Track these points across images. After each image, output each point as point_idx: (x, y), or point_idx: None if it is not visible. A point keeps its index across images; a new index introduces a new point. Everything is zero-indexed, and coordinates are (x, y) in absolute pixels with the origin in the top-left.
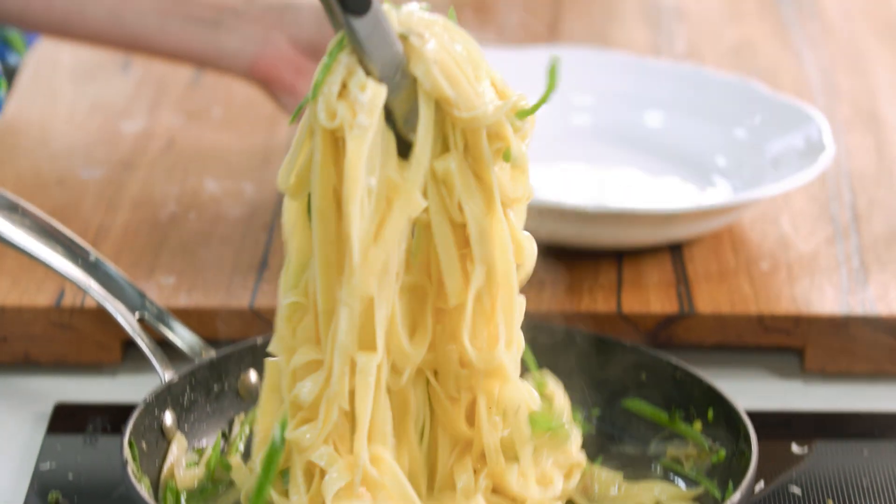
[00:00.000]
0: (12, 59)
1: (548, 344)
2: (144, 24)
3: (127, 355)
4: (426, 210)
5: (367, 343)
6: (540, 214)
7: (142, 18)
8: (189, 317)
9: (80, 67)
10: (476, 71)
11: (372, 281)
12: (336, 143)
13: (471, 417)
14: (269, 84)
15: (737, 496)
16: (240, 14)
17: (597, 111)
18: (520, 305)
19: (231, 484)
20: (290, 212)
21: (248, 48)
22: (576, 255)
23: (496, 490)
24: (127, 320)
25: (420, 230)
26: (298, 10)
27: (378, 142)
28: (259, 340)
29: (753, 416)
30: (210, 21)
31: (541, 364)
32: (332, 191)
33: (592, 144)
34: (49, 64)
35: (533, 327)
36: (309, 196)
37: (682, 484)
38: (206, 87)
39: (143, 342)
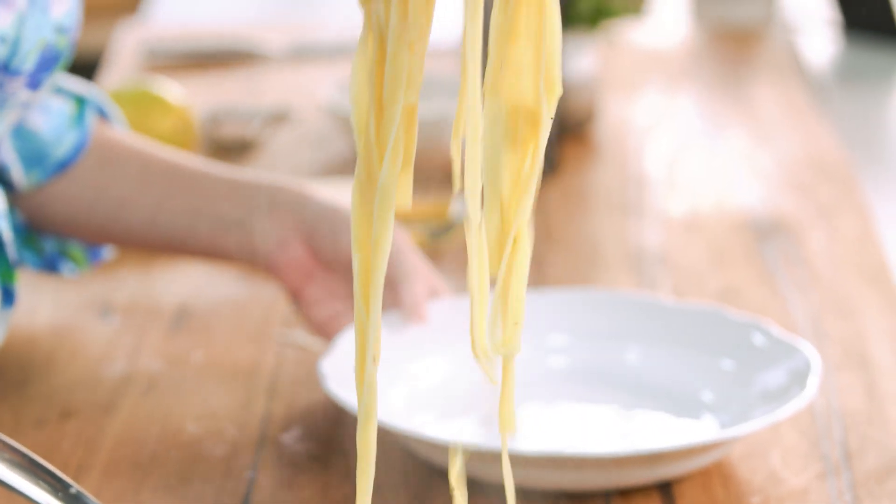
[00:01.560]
0: (67, 271)
1: None
2: (177, 227)
3: None
4: None
5: None
6: (519, 464)
7: (174, 221)
8: None
9: (58, 317)
10: None
11: None
12: None
13: None
14: (281, 282)
15: None
16: (262, 212)
17: (573, 351)
18: None
19: None
20: None
21: (266, 247)
22: (561, 495)
23: None
24: None
25: None
26: (315, 215)
27: None
28: None
29: None
30: (235, 221)
31: None
32: None
33: (571, 385)
34: (27, 313)
35: None
36: None
37: None
38: (186, 333)
39: None
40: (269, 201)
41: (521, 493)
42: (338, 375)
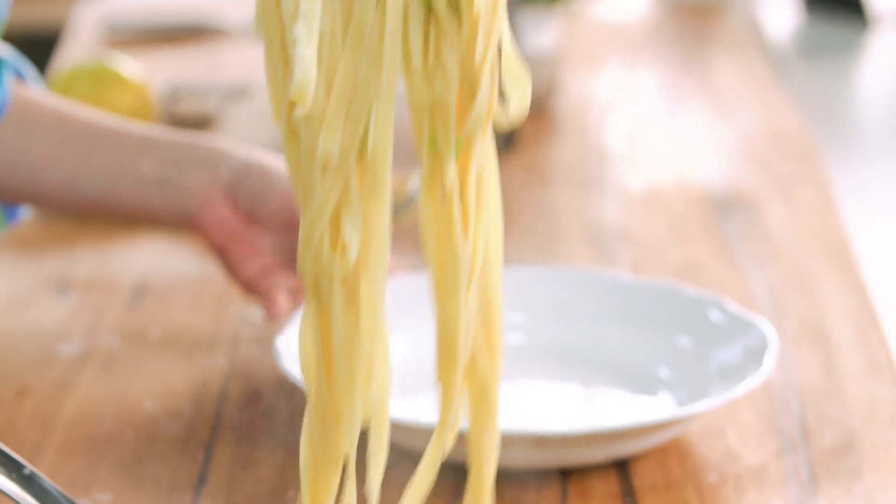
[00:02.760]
0: None
1: None
2: (97, 187)
3: None
4: None
5: None
6: None
7: (95, 180)
8: None
9: (14, 293)
10: None
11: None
12: None
13: None
14: (207, 240)
15: None
16: (184, 169)
17: (530, 328)
18: None
19: None
20: None
21: (189, 204)
22: (517, 473)
23: None
24: None
25: None
26: (237, 170)
27: None
28: None
29: None
30: (157, 179)
31: None
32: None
33: (528, 363)
34: None
35: None
36: None
37: None
38: (144, 310)
39: None
40: (191, 159)
41: None
42: (293, 353)
